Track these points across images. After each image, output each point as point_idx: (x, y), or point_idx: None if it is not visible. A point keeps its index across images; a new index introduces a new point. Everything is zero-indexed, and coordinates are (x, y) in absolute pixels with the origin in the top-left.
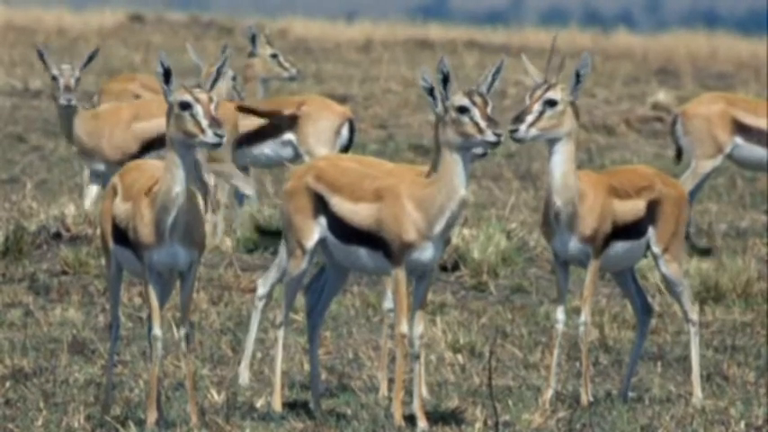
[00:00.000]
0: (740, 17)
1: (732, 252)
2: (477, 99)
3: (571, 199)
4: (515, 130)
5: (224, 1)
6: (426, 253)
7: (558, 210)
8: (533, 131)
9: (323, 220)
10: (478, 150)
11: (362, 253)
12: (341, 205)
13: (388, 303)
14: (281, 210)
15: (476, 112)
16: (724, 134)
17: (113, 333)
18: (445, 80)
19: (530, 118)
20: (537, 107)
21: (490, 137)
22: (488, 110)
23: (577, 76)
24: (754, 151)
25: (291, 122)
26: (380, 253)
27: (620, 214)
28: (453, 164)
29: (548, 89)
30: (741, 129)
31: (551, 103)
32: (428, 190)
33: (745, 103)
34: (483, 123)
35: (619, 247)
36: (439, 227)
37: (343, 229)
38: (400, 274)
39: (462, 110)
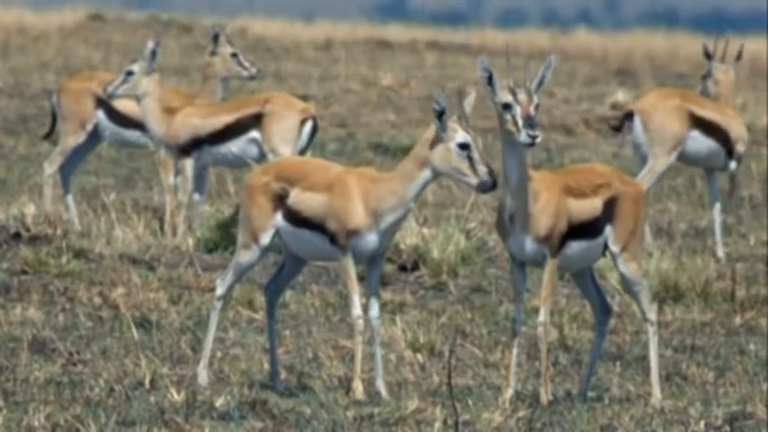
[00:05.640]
0: (699, 16)
1: (691, 252)
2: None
3: (525, 200)
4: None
5: (183, 0)
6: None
7: (511, 211)
8: None
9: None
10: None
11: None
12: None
13: (356, 311)
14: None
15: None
16: (682, 129)
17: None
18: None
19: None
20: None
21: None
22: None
23: (541, 78)
24: (708, 145)
25: (256, 121)
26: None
27: (575, 213)
28: (417, 179)
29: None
30: (697, 123)
31: (507, 107)
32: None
33: (697, 97)
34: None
35: (575, 246)
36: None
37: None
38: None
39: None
